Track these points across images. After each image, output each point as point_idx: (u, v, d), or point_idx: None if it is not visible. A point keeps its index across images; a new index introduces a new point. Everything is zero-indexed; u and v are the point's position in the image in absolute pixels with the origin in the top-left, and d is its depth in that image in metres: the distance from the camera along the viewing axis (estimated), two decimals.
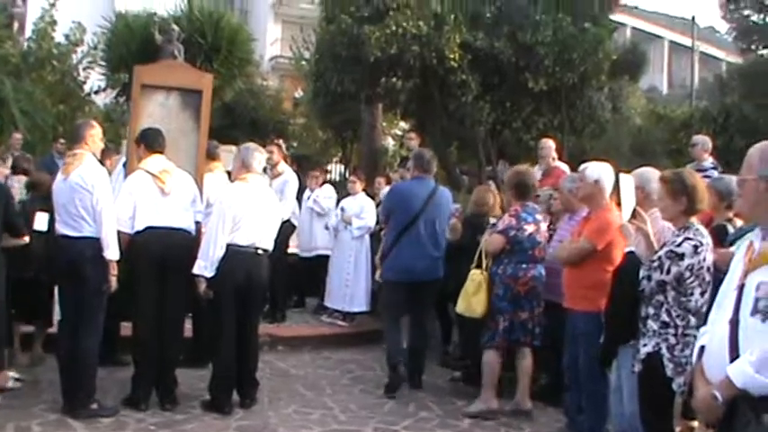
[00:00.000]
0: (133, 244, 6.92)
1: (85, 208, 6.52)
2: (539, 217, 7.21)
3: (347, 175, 20.80)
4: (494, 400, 7.18)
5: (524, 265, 7.02)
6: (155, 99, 8.29)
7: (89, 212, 6.52)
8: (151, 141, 7.26)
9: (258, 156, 7.10)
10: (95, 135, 6.84)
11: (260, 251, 6.99)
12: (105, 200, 6.55)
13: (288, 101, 32.29)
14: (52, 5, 23.70)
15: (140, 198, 6.98)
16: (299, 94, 30.54)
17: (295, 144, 29.21)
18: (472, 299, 7.09)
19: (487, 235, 7.17)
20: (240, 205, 6.86)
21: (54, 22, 25.54)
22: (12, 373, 7.18)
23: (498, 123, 14.69)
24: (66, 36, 23.71)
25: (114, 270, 6.59)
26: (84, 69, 22.43)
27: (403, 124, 22.05)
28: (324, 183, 12.43)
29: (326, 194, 11.85)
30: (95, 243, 6.52)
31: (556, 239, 7.21)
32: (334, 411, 7.30)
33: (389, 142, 25.26)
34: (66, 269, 6.62)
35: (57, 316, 7.08)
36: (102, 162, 7.11)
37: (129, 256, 6.86)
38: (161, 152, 7.22)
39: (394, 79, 13.87)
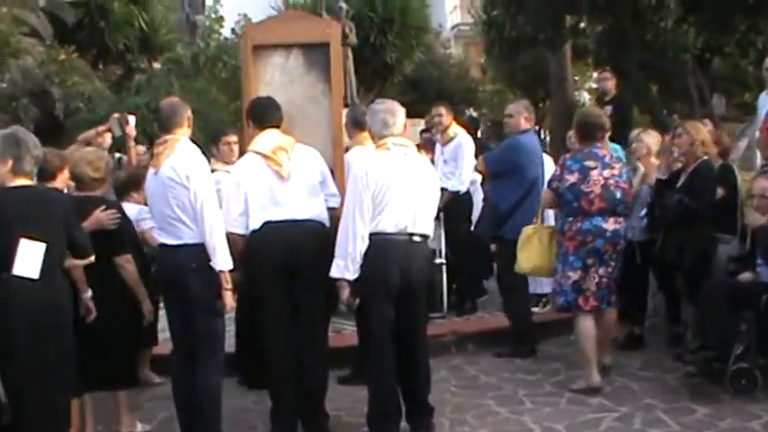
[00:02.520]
0: (250, 247, 5.46)
1: (182, 207, 5.11)
2: (589, 163, 6.37)
3: (541, 136, 18.99)
4: (595, 374, 6.40)
5: (570, 218, 6.38)
6: (271, 62, 6.79)
7: (187, 213, 5.11)
8: (261, 114, 5.75)
9: (392, 118, 5.41)
10: (190, 117, 5.41)
11: (416, 238, 5.34)
12: (207, 195, 5.10)
13: (475, 68, 30.97)
14: (216, 1, 23.27)
15: (252, 188, 5.49)
16: (484, 59, 28.88)
17: (485, 111, 27.82)
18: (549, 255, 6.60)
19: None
20: (382, 181, 5.21)
21: (221, 19, 25.19)
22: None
23: (707, 49, 12.46)
24: (233, 30, 23.25)
25: (228, 283, 5.15)
26: None
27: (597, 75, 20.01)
28: None
29: None
30: (200, 251, 5.10)
31: None
32: None
33: (584, 97, 23.18)
34: (167, 287, 5.26)
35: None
36: None
37: (247, 263, 5.42)
38: (276, 126, 5.70)
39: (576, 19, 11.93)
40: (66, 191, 6.88)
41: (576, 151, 6.62)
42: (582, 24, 12.12)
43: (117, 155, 8.96)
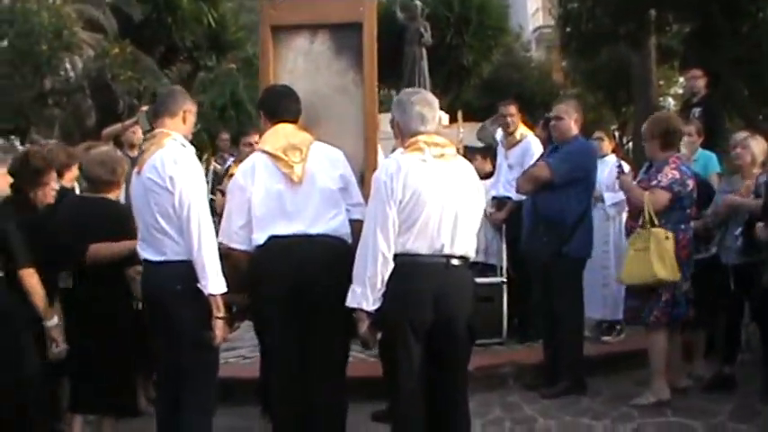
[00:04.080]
0: (253, 266, 4.53)
1: (165, 215, 4.25)
2: (692, 170, 6.39)
3: (623, 141, 17.73)
4: (665, 388, 6.15)
5: (682, 226, 6.13)
6: (294, 46, 5.80)
7: (171, 222, 4.24)
8: (273, 106, 4.82)
9: (430, 111, 4.35)
10: (190, 111, 4.51)
11: (454, 261, 4.27)
12: (195, 201, 4.21)
13: (557, 72, 29.89)
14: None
15: (257, 194, 4.55)
16: (565, 62, 27.77)
17: None
18: (675, 261, 5.96)
19: (639, 190, 6.19)
20: (412, 188, 4.16)
21: None
22: None
23: None
24: None
25: (220, 311, 4.22)
26: None
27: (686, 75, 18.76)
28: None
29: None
30: (185, 270, 4.20)
31: None
32: None
33: (670, 103, 21.79)
34: (151, 311, 4.36)
35: None
36: None
37: (250, 285, 4.49)
38: (292, 120, 4.75)
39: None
40: (76, 190, 6.17)
41: (677, 157, 6.26)
42: (668, 26, 10.89)
43: None
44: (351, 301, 4.22)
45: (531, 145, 7.85)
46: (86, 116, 14.14)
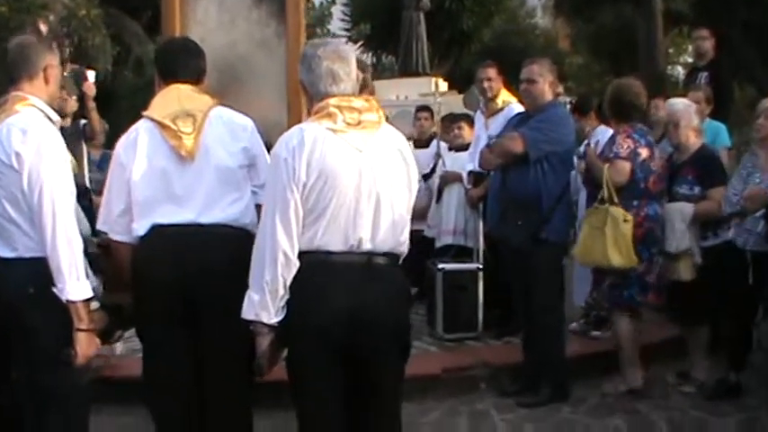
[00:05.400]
0: (133, 262, 3.62)
1: (13, 201, 3.37)
2: (651, 139, 5.84)
3: None
4: (638, 377, 5.71)
5: (635, 202, 5.53)
6: None
7: (21, 210, 3.34)
8: (166, 62, 3.87)
9: (343, 66, 3.34)
10: (52, 66, 3.60)
11: (378, 259, 3.32)
12: (49, 184, 3.31)
13: (564, 39, 28.93)
14: None
15: (139, 173, 3.61)
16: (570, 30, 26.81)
17: (570, 84, 25.80)
18: (630, 246, 5.42)
19: (600, 161, 5.65)
20: (320, 167, 3.20)
21: None
22: None
23: None
24: None
25: (83, 321, 3.33)
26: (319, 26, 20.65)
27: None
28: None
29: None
30: (41, 270, 3.31)
31: None
32: None
33: (679, 72, 20.73)
34: (5, 317, 3.46)
35: None
36: None
37: (132, 285, 3.60)
38: (191, 81, 3.80)
39: None
40: None
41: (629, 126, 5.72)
42: None
43: (82, 122, 7.25)
44: (247, 312, 3.28)
45: (515, 113, 6.88)
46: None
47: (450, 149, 7.76)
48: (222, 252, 3.52)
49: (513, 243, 5.63)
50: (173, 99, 3.69)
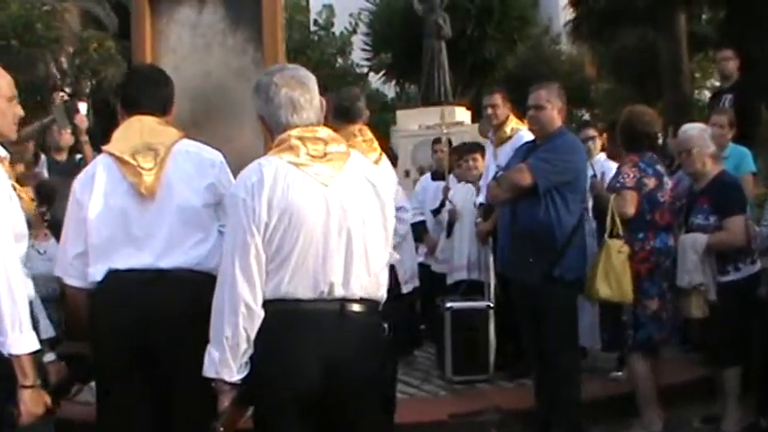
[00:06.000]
0: (90, 311, 3.32)
1: None
2: (661, 169, 5.55)
3: None
4: (657, 420, 5.35)
5: (641, 234, 5.29)
6: (177, 18, 4.51)
7: None
8: (130, 93, 3.59)
9: (303, 94, 3.04)
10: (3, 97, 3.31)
11: (353, 306, 2.98)
12: None
13: (590, 66, 28.60)
14: None
15: (95, 212, 3.31)
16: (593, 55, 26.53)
17: (597, 111, 25.55)
18: (623, 279, 5.20)
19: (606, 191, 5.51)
20: (283, 205, 2.89)
21: (304, 10, 23.24)
22: None
23: None
24: (315, 21, 21.41)
25: (27, 377, 3.02)
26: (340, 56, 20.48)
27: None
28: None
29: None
30: None
31: None
32: None
33: (706, 96, 20.28)
34: None
35: None
36: None
37: (89, 334, 3.31)
38: (156, 112, 3.51)
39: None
40: None
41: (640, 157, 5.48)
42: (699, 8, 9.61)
43: (77, 156, 7.03)
44: (207, 370, 2.95)
45: (524, 141, 6.56)
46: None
47: (459, 181, 7.43)
48: (183, 300, 3.21)
49: (525, 282, 5.27)
50: (134, 132, 3.40)
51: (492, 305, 6.40)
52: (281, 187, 2.87)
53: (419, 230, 7.24)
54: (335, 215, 2.91)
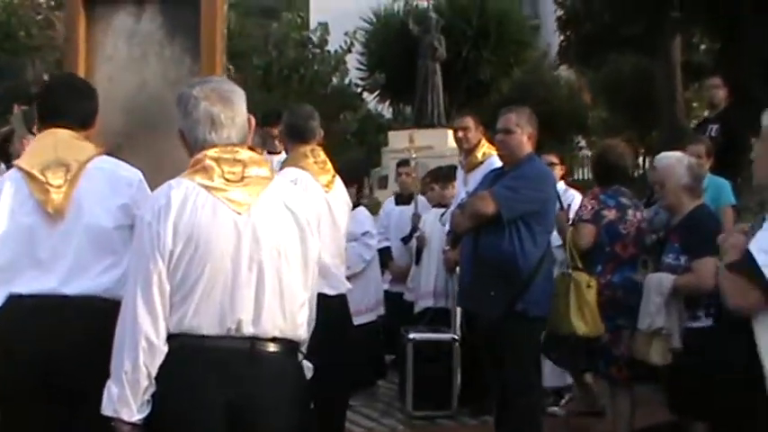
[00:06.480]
0: None
1: None
2: (625, 201, 5.37)
3: (645, 167, 16.17)
4: None
5: (598, 267, 5.20)
6: (114, 25, 4.22)
7: None
8: (47, 104, 3.34)
9: (224, 110, 2.77)
10: None
11: (267, 345, 2.71)
12: None
13: (587, 92, 28.45)
14: (300, 16, 21.55)
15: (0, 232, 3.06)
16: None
17: (594, 138, 25.34)
18: (596, 313, 5.02)
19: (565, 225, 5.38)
20: (188, 232, 2.63)
21: (301, 27, 22.98)
22: None
23: None
24: (309, 38, 21.21)
25: None
26: (336, 74, 20.30)
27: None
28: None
29: None
30: None
31: None
32: None
33: None
34: None
35: None
36: None
37: None
38: (77, 127, 3.25)
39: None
40: None
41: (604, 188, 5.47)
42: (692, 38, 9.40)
43: None
44: (106, 407, 2.67)
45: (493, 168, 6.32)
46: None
47: (433, 206, 7.18)
48: (86, 330, 2.94)
49: (486, 316, 4.99)
50: (47, 146, 3.15)
51: (457, 337, 6.14)
52: (189, 212, 2.62)
53: (384, 257, 7.01)
54: (246, 245, 2.65)
